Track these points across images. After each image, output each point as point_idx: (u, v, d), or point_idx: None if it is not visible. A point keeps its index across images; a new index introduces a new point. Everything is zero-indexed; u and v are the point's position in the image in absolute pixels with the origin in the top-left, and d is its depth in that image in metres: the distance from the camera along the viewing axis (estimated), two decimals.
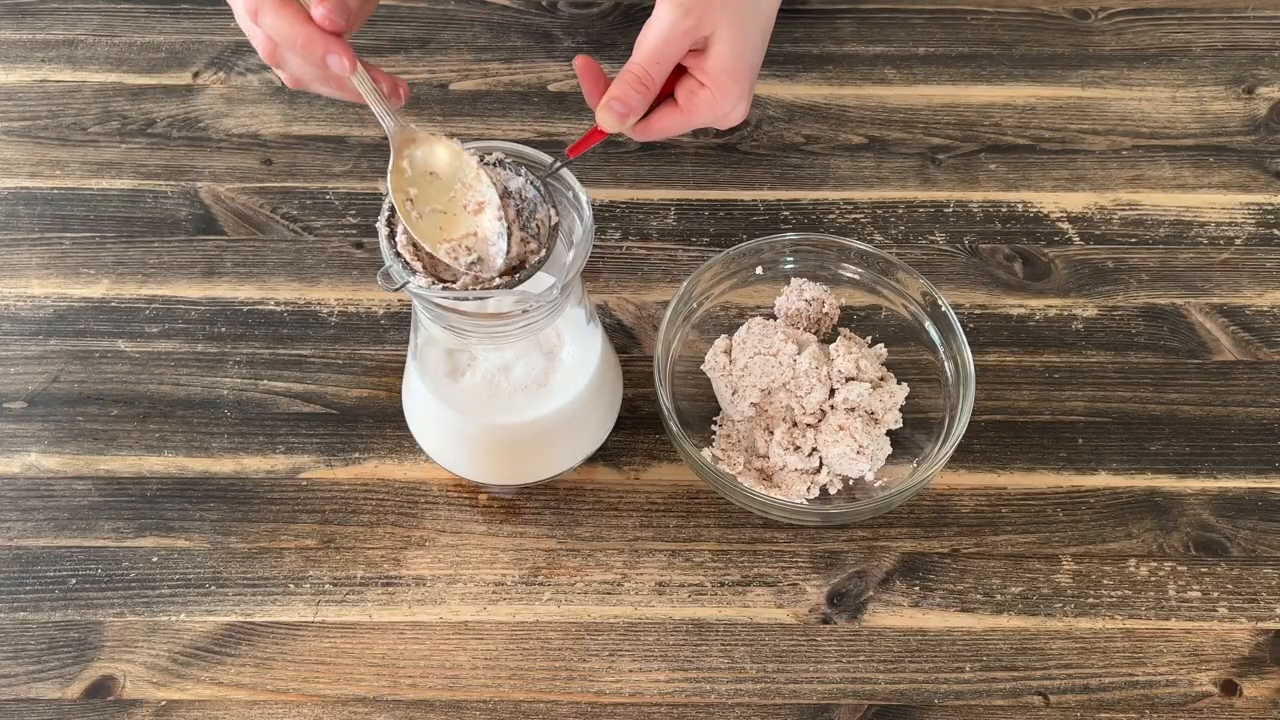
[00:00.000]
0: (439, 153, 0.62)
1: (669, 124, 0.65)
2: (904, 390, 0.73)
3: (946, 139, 0.87)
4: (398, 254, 0.59)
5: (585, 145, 0.64)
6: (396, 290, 0.58)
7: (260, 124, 0.87)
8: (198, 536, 0.70)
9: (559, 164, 0.62)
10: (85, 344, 0.77)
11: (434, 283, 0.59)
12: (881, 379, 0.73)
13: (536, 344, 0.67)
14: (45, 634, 0.67)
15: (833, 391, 0.72)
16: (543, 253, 0.61)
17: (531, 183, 0.62)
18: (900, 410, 0.73)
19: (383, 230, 0.60)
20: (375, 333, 0.78)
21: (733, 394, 0.72)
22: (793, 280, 0.76)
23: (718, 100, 0.64)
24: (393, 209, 0.60)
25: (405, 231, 0.59)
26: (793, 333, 0.74)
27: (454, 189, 0.61)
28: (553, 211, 0.61)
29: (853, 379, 0.71)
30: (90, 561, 0.69)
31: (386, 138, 0.61)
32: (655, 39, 0.63)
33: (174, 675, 0.66)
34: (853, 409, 0.71)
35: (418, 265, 0.59)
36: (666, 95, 0.65)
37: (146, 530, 0.70)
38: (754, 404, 0.72)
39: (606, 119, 0.63)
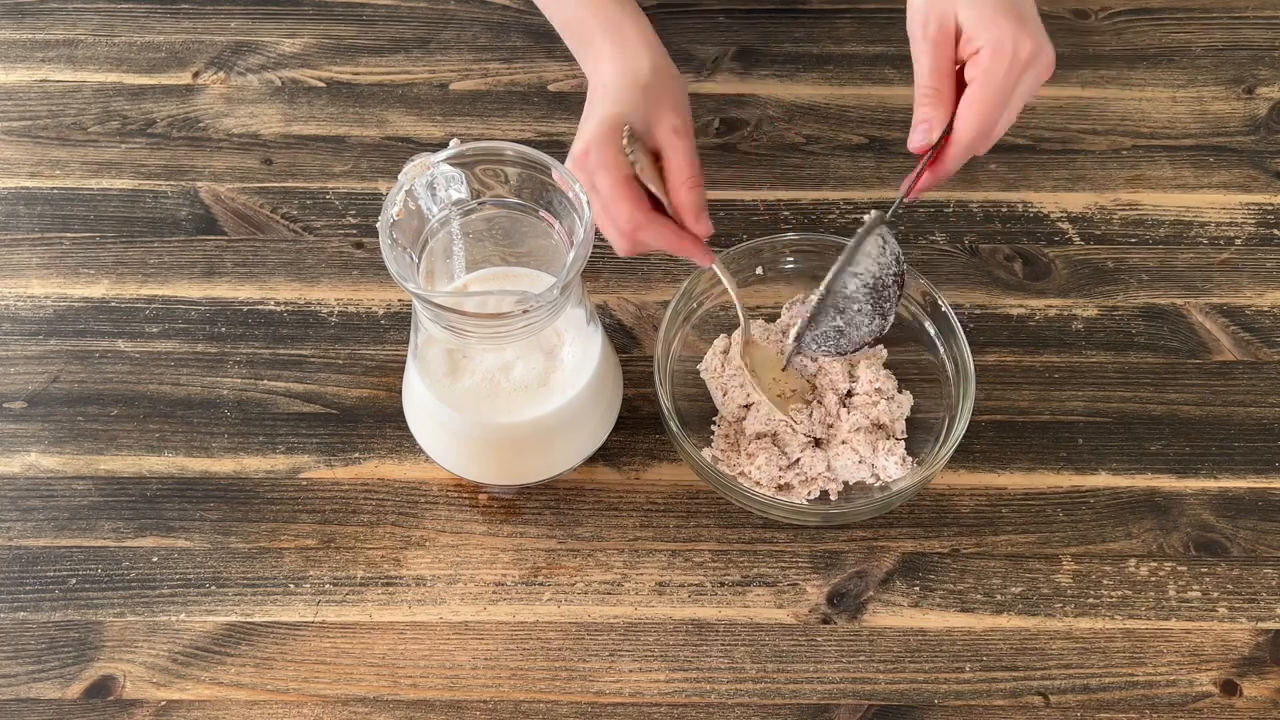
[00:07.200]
0: (769, 353, 0.73)
1: (980, 105, 0.65)
2: (909, 400, 0.73)
3: None
4: None
5: (917, 183, 0.67)
6: None
7: (260, 124, 0.87)
8: (198, 536, 0.70)
9: (899, 205, 0.67)
10: (85, 344, 0.77)
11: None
12: (891, 397, 0.73)
13: (536, 344, 0.66)
14: (45, 634, 0.67)
15: (840, 400, 0.72)
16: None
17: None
18: None
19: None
20: (375, 333, 0.78)
21: (724, 395, 0.72)
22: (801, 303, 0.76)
23: (990, 50, 0.65)
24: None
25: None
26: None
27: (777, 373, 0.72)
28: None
29: (854, 393, 0.72)
30: (90, 561, 0.69)
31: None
32: (916, 51, 0.67)
33: (174, 675, 0.66)
34: (858, 429, 0.70)
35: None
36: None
37: (146, 530, 0.70)
38: (743, 406, 0.72)
39: (914, 139, 0.66)
